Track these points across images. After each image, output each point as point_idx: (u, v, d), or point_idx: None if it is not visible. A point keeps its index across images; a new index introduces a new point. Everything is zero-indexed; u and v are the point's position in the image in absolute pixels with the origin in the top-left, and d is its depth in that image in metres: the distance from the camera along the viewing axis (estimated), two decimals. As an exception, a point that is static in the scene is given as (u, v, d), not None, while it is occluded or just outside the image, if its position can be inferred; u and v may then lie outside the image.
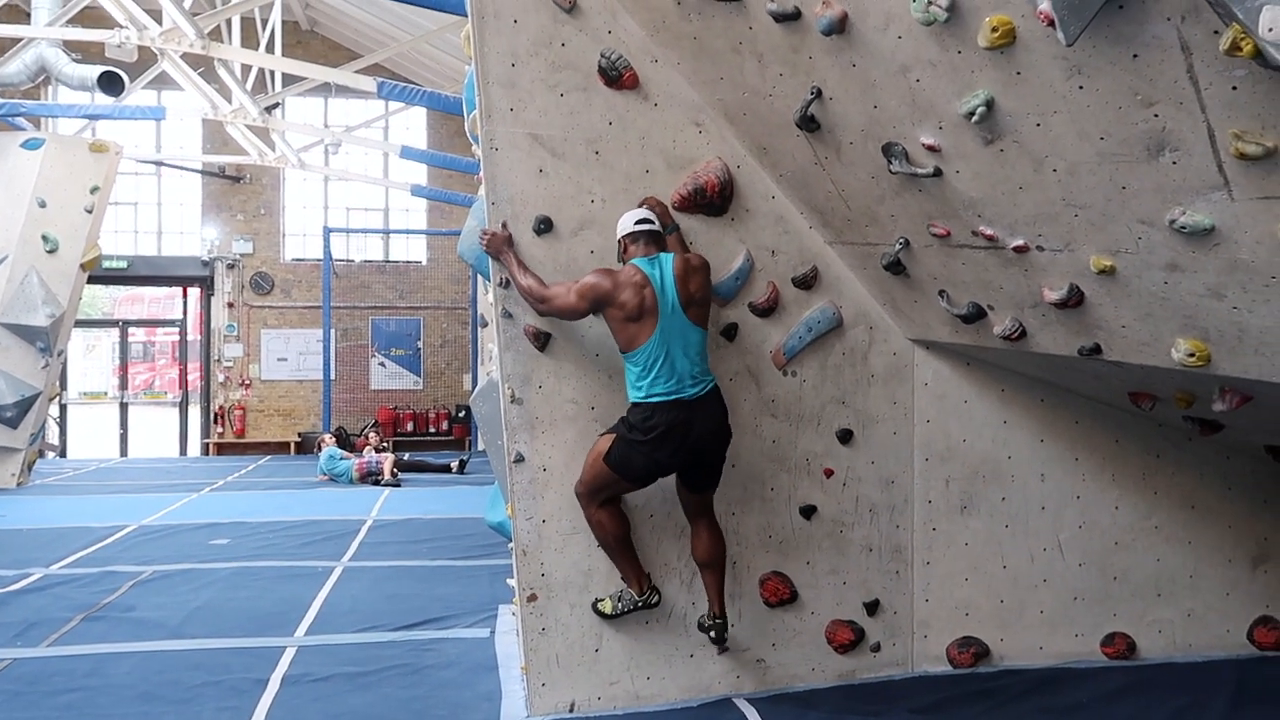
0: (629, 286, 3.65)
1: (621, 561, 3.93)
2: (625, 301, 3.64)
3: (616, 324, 3.71)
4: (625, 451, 3.71)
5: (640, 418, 3.68)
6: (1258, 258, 2.69)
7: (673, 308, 3.68)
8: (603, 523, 3.86)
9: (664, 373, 3.66)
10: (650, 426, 3.65)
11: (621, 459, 3.72)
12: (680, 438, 3.68)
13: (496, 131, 3.87)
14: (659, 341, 3.66)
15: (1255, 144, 2.42)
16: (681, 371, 3.68)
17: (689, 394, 3.69)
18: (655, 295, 3.66)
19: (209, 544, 7.67)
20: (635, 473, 3.76)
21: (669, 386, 3.67)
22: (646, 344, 3.66)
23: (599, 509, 3.85)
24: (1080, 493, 4.59)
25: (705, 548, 3.96)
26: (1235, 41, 2.18)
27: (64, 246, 10.96)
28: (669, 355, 3.67)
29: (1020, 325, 3.72)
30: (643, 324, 3.66)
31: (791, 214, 4.23)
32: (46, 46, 11.15)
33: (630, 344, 3.70)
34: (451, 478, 12.37)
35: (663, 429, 3.65)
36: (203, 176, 16.32)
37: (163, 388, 24.18)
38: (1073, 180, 2.96)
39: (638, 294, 3.64)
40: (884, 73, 3.17)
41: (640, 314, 3.65)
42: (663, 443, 3.67)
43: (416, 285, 16.93)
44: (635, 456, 3.71)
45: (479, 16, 3.79)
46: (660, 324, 3.66)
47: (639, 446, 3.69)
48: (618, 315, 3.68)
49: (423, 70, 15.54)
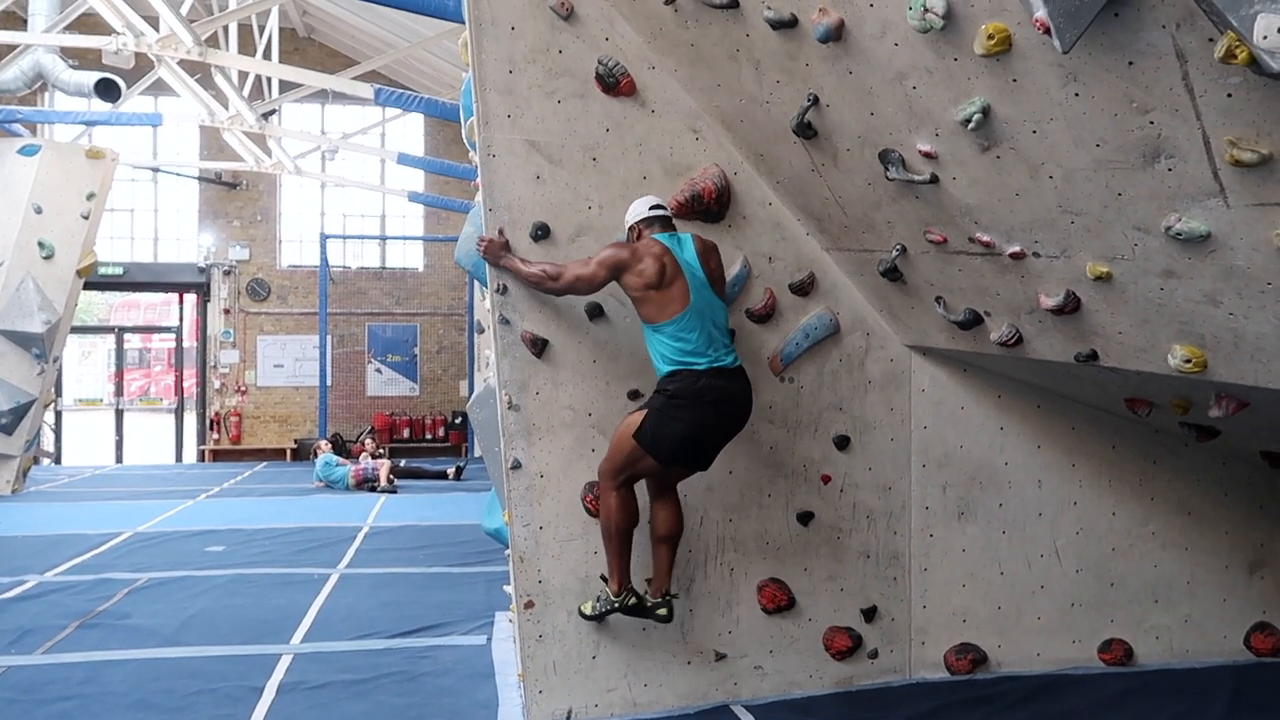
0: (648, 255, 3.64)
1: (614, 554, 3.83)
2: (644, 269, 3.61)
3: (639, 294, 3.66)
4: (660, 424, 3.61)
5: (684, 384, 3.59)
6: (1253, 264, 2.70)
7: (701, 282, 3.69)
8: (614, 509, 3.75)
9: (702, 342, 3.63)
10: (697, 391, 3.58)
11: (655, 433, 3.61)
12: (726, 405, 3.66)
13: (494, 138, 3.88)
14: (695, 311, 3.63)
15: (1250, 151, 2.43)
16: (717, 342, 3.68)
17: (727, 362, 3.68)
18: (678, 264, 3.64)
19: (204, 551, 7.65)
20: (667, 447, 3.63)
21: (706, 359, 3.63)
22: (683, 313, 3.62)
23: (615, 492, 3.74)
24: (1077, 499, 4.60)
25: (672, 521, 3.88)
26: (1230, 49, 2.18)
27: (60, 253, 10.95)
28: (702, 327, 3.65)
29: (1017, 331, 3.72)
30: (672, 292, 3.62)
31: (788, 220, 4.24)
32: (43, 53, 11.14)
33: (661, 313, 3.63)
34: (448, 484, 12.36)
35: (710, 396, 3.60)
36: (199, 183, 16.32)
37: (158, 394, 24.12)
38: (1069, 187, 2.97)
39: (657, 261, 3.62)
40: (881, 80, 3.18)
41: (662, 281, 3.61)
42: (709, 409, 3.61)
43: (413, 291, 16.94)
44: (673, 426, 3.60)
45: (477, 24, 3.80)
46: (693, 295, 3.64)
47: (679, 414, 3.59)
48: (637, 283, 3.63)
49: (420, 77, 15.56)
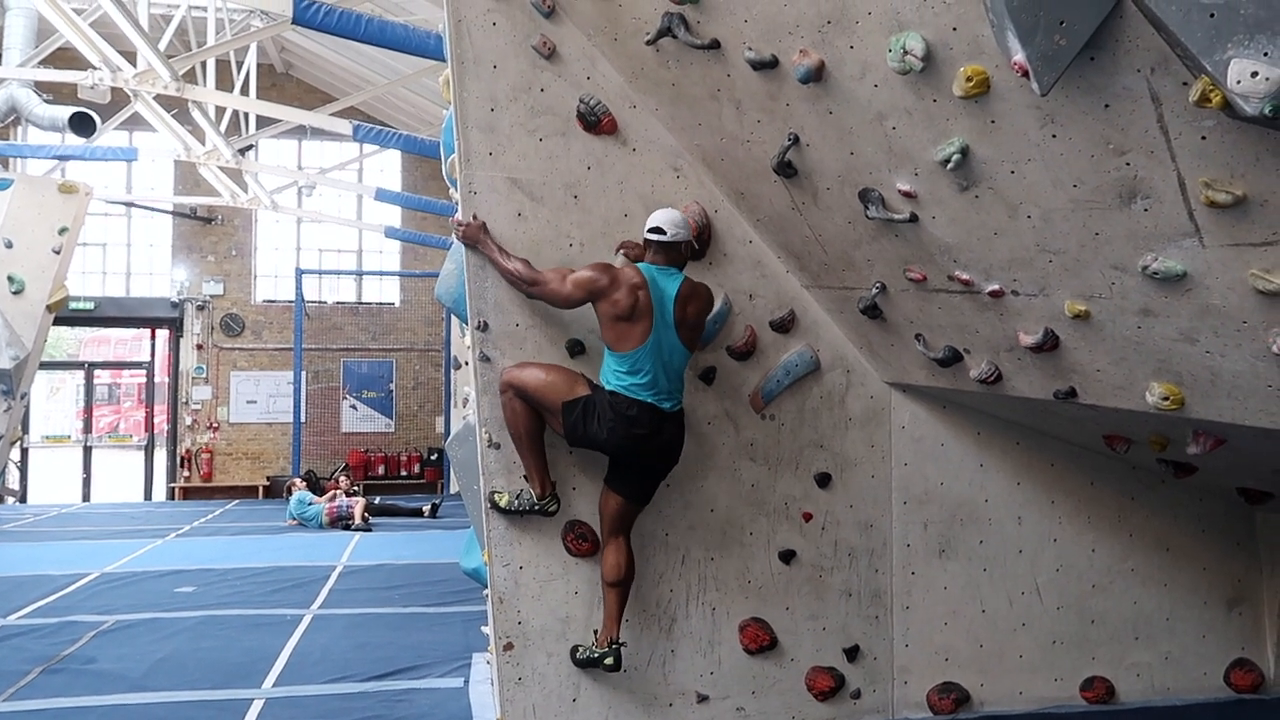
0: (625, 285, 3.67)
1: (528, 458, 3.85)
2: (619, 299, 3.66)
3: (607, 319, 3.72)
4: (588, 417, 3.69)
5: (620, 404, 3.67)
6: (1229, 303, 2.73)
7: (668, 324, 3.71)
8: (517, 412, 3.79)
9: (648, 380, 3.70)
10: (628, 418, 3.66)
11: (582, 414, 3.69)
12: (650, 441, 3.73)
13: (475, 175, 3.88)
14: (651, 350, 3.69)
15: (1225, 192, 2.47)
16: (661, 386, 3.72)
17: (665, 407, 3.74)
18: (650, 301, 3.68)
19: (174, 592, 7.48)
20: (580, 434, 3.73)
21: (648, 394, 3.70)
22: (639, 349, 3.68)
23: (516, 399, 3.78)
24: (1057, 535, 4.60)
25: (623, 566, 3.88)
26: (1204, 93, 2.23)
27: (30, 287, 10.81)
28: (653, 366, 3.70)
29: (996, 369, 3.75)
30: (634, 326, 3.67)
31: (769, 258, 4.26)
32: (17, 87, 11.09)
33: (619, 343, 3.70)
34: (423, 522, 12.20)
35: (637, 429, 3.68)
36: (173, 217, 16.21)
37: (128, 430, 23.77)
38: (1047, 226, 3.00)
39: (632, 295, 3.66)
40: (861, 120, 3.22)
41: (632, 314, 3.66)
42: (633, 437, 3.69)
43: (389, 327, 16.84)
44: (597, 427, 3.68)
45: (459, 62, 3.82)
46: (655, 334, 3.68)
47: (610, 422, 3.66)
48: (609, 311, 3.69)
49: (398, 113, 15.60)
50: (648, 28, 3.57)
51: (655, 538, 4.14)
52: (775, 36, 3.21)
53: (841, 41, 3.02)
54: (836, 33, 3.02)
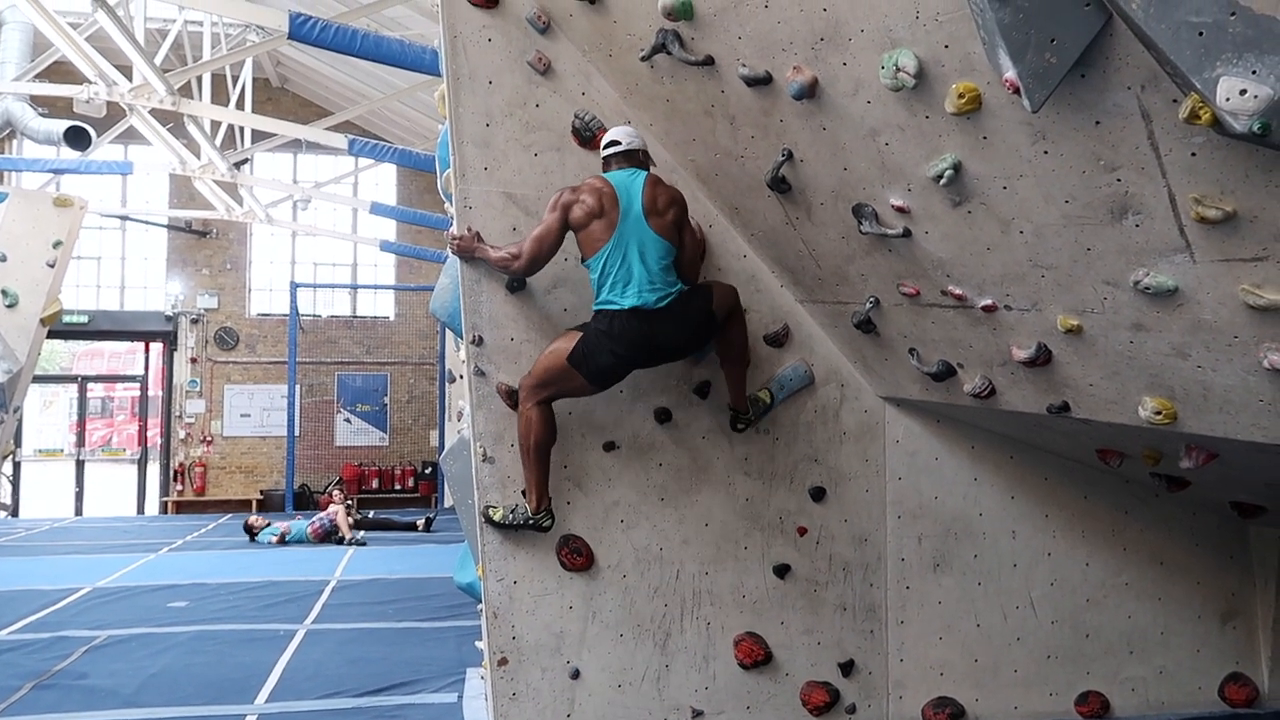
0: (588, 190, 3.68)
1: (532, 470, 3.82)
2: (586, 200, 3.66)
3: (580, 230, 3.70)
4: (589, 347, 3.69)
5: (606, 325, 3.67)
6: (1220, 318, 2.75)
7: (635, 215, 3.67)
8: (533, 422, 3.76)
9: (620, 278, 3.65)
10: (615, 334, 3.65)
11: (584, 354, 3.69)
12: (647, 344, 3.70)
13: (471, 190, 3.89)
14: (615, 244, 3.65)
15: (1215, 208, 2.49)
16: (638, 280, 3.65)
17: (649, 301, 3.66)
18: (615, 196, 3.66)
19: (166, 607, 7.44)
20: (594, 369, 3.71)
21: (629, 297, 3.64)
22: (605, 246, 3.66)
23: (536, 406, 3.76)
24: (1051, 549, 4.61)
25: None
26: (1194, 110, 2.24)
27: (24, 301, 10.79)
28: (625, 260, 3.65)
29: (990, 383, 3.76)
30: (602, 223, 3.66)
31: (763, 273, 4.27)
32: (12, 101, 11.11)
33: (589, 248, 3.70)
34: (417, 536, 12.16)
35: (629, 338, 3.66)
36: (168, 231, 16.21)
37: (121, 444, 23.65)
38: (1039, 242, 3.02)
39: (596, 195, 3.66)
40: (854, 136, 3.24)
41: (601, 211, 3.65)
42: (632, 348, 3.69)
43: (384, 340, 16.83)
44: (602, 357, 3.69)
45: (455, 78, 3.83)
46: (620, 227, 3.65)
47: (609, 346, 3.67)
48: (580, 216, 3.67)
49: (393, 127, 15.64)
50: (642, 44, 3.59)
51: (649, 552, 4.13)
52: (769, 53, 3.24)
53: (834, 58, 3.05)
54: (829, 50, 3.04)
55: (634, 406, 4.12)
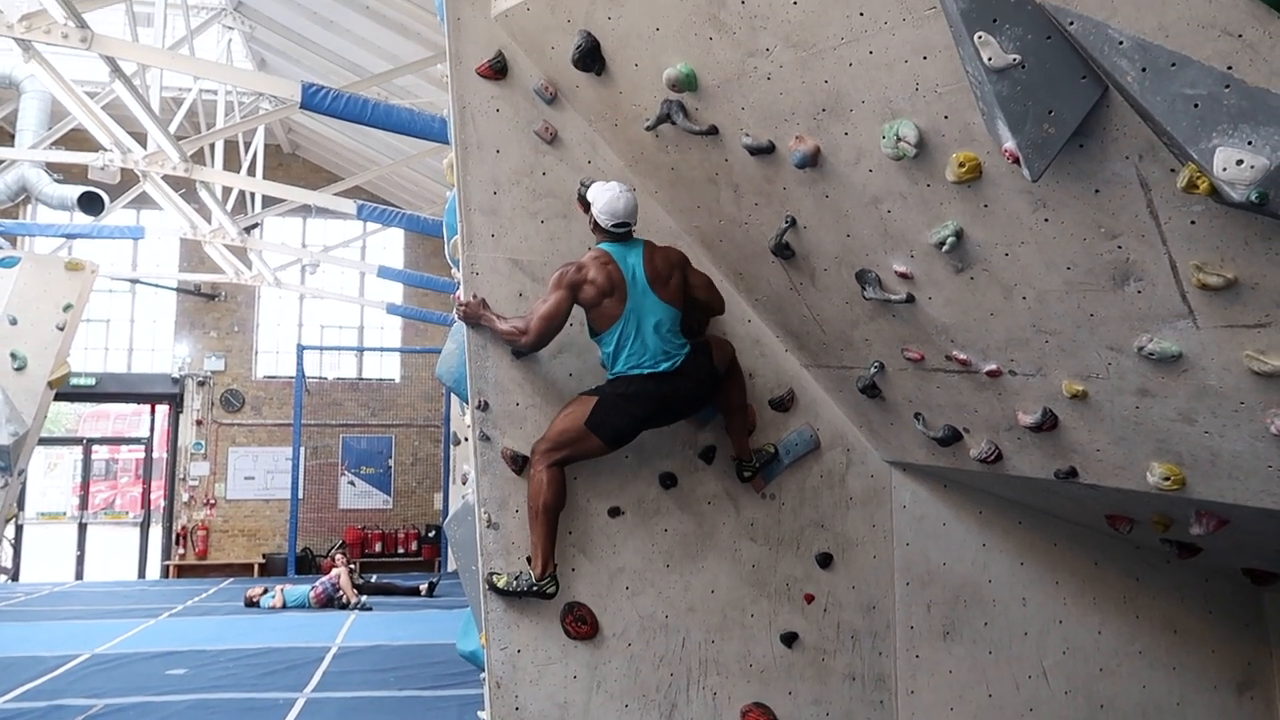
0: (594, 266, 3.70)
1: (540, 534, 3.79)
2: (595, 278, 3.68)
3: (590, 306, 3.74)
4: (606, 411, 3.72)
5: (624, 389, 3.73)
6: (1225, 384, 2.75)
7: (642, 287, 3.72)
8: (545, 484, 3.75)
9: (636, 349, 3.71)
10: (633, 396, 3.71)
11: (601, 418, 3.72)
12: (662, 400, 3.76)
13: (478, 256, 3.93)
14: (627, 319, 3.70)
15: (1216, 275, 2.51)
16: (652, 350, 3.72)
17: (665, 368, 3.73)
18: (620, 272, 3.70)
19: (165, 674, 7.35)
20: (611, 430, 3.75)
21: (642, 361, 3.71)
22: (618, 321, 3.70)
23: (548, 469, 3.76)
24: (1062, 617, 4.54)
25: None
26: (1192, 179, 2.28)
27: (32, 364, 10.82)
28: (640, 333, 3.72)
29: (996, 448, 3.74)
30: (611, 299, 3.70)
31: (768, 337, 4.29)
32: (29, 167, 11.29)
33: (601, 323, 3.74)
34: (420, 601, 12.03)
35: (650, 400, 3.72)
36: (177, 293, 16.35)
37: (124, 507, 23.55)
38: (1042, 307, 3.04)
39: (603, 272, 3.69)
40: (856, 204, 3.28)
41: (610, 289, 3.69)
42: (651, 407, 3.75)
43: (389, 403, 16.85)
44: (619, 419, 3.73)
45: (463, 146, 3.90)
46: (630, 303, 3.70)
47: (626, 407, 3.72)
48: (590, 295, 3.70)
49: (400, 192, 15.87)
50: (647, 114, 3.66)
51: (655, 620, 4.08)
52: (772, 123, 3.30)
53: (836, 128, 3.10)
54: (831, 120, 3.09)
55: (639, 471, 4.10)
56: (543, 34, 3.73)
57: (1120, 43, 2.23)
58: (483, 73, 3.89)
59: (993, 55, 2.33)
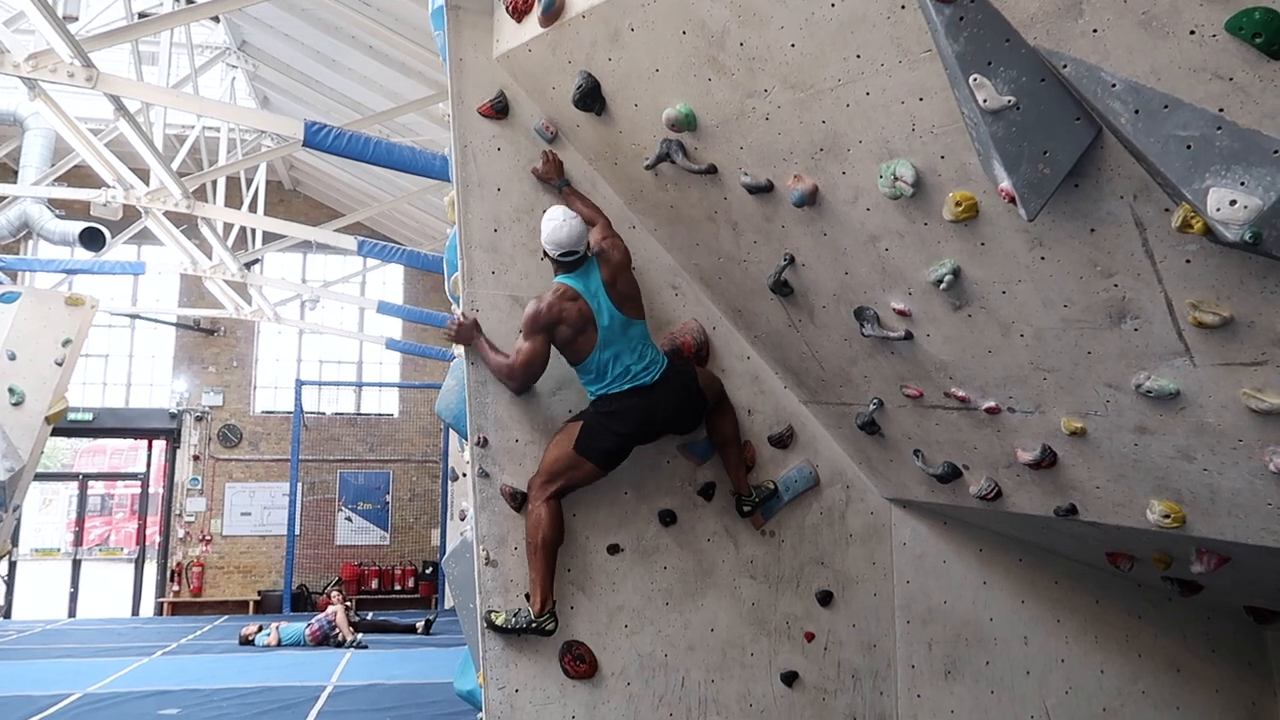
0: (562, 305, 3.73)
1: (538, 569, 3.79)
2: (566, 314, 3.72)
3: (566, 344, 3.79)
4: (593, 433, 3.78)
5: (608, 408, 3.79)
6: (1223, 421, 2.76)
7: (610, 313, 3.76)
8: (543, 519, 3.77)
9: (616, 371, 3.78)
10: (617, 413, 3.77)
11: (589, 440, 3.78)
12: (645, 413, 3.79)
13: (478, 294, 3.95)
14: (601, 346, 3.75)
15: (1212, 313, 2.53)
16: (630, 367, 3.78)
17: (645, 380, 3.79)
18: (589, 306, 3.74)
19: (157, 714, 7.25)
20: (600, 452, 3.79)
21: (626, 379, 3.77)
22: (595, 349, 3.75)
23: (546, 503, 3.78)
24: (1064, 656, 4.50)
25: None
26: (1186, 219, 2.30)
27: (30, 399, 10.81)
28: (616, 355, 3.77)
29: (996, 485, 3.74)
30: (585, 336, 3.75)
31: (767, 374, 4.30)
32: (30, 203, 11.35)
33: (580, 354, 3.78)
34: (416, 639, 11.90)
35: (633, 415, 3.77)
36: (176, 329, 16.37)
37: (119, 543, 23.39)
38: (1040, 345, 3.05)
39: (574, 310, 3.73)
40: (854, 242, 3.30)
41: (584, 325, 3.74)
42: (636, 423, 3.79)
43: (387, 438, 16.80)
44: (603, 436, 3.78)
45: (464, 185, 3.94)
46: (601, 334, 3.74)
47: (606, 423, 3.78)
48: (566, 334, 3.75)
49: (401, 228, 15.95)
50: (647, 153, 3.70)
51: (654, 659, 4.04)
52: (770, 162, 3.33)
53: (834, 167, 3.13)
54: (829, 159, 3.13)
55: (638, 508, 4.09)
56: (544, 75, 3.78)
57: (1113, 85, 2.26)
58: (484, 112, 3.93)
59: (988, 97, 2.36)
